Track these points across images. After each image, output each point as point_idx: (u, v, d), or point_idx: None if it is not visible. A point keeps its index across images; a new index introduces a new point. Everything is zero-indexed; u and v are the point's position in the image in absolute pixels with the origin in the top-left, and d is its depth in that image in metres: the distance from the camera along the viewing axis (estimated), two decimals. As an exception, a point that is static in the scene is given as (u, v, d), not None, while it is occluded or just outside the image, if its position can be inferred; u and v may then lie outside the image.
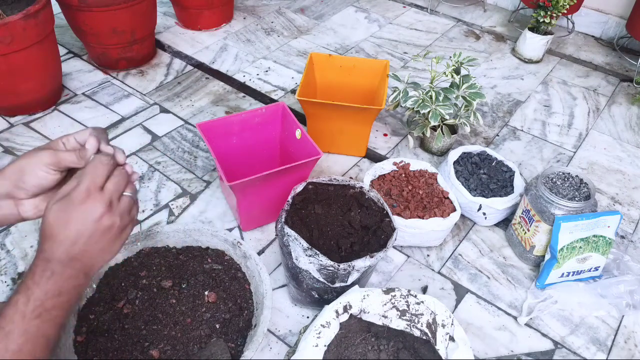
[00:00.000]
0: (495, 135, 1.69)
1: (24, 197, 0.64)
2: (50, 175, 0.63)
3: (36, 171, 0.63)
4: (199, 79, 1.86)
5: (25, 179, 0.63)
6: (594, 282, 1.23)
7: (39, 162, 0.63)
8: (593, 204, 1.18)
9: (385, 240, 1.05)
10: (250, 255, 1.04)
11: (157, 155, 1.54)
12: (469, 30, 2.23)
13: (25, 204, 0.65)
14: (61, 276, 0.58)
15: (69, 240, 0.59)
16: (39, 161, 0.63)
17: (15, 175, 0.63)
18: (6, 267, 1.22)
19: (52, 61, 1.65)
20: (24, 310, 0.55)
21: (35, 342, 0.56)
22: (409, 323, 0.94)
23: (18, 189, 0.63)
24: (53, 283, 0.57)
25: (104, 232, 0.60)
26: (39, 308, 0.56)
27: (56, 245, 0.58)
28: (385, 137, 1.65)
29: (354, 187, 1.15)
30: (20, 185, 0.63)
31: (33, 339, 0.56)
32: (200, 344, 0.94)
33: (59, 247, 0.58)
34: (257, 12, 2.28)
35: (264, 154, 1.41)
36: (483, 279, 1.26)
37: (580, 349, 1.13)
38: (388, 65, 1.53)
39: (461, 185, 1.34)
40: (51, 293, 0.57)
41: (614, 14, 2.16)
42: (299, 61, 1.98)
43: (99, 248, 0.61)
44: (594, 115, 1.79)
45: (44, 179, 0.63)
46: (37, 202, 0.65)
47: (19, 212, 0.65)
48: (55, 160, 0.63)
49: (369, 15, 2.30)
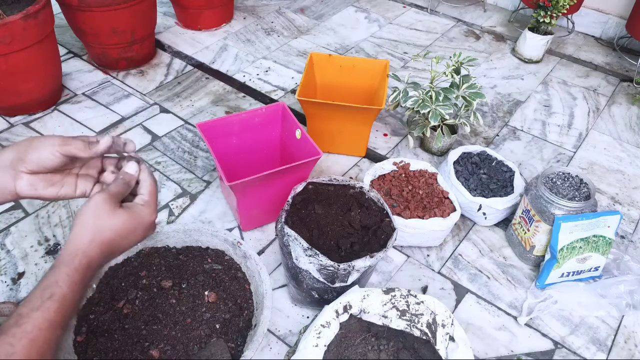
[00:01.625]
0: (495, 135, 1.69)
1: (23, 170, 0.65)
2: (53, 157, 0.64)
3: (42, 149, 0.64)
4: (199, 79, 1.86)
5: (30, 152, 0.64)
6: (594, 282, 1.23)
7: (48, 142, 0.64)
8: (593, 204, 1.18)
9: (385, 240, 1.05)
10: (250, 255, 1.04)
11: (157, 155, 1.54)
12: (469, 30, 2.23)
13: (23, 178, 0.65)
14: (88, 285, 0.59)
15: (118, 251, 0.62)
16: (48, 142, 0.64)
17: (24, 148, 0.65)
18: (6, 267, 1.22)
19: (52, 61, 1.65)
20: (54, 319, 0.54)
21: (53, 349, 0.55)
22: (409, 323, 0.94)
23: (21, 161, 0.64)
24: (82, 292, 0.58)
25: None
26: (67, 318, 0.56)
27: (106, 254, 0.60)
28: (385, 137, 1.65)
29: (354, 187, 1.15)
30: (23, 158, 0.64)
31: (54, 347, 0.55)
32: (200, 344, 0.94)
33: (106, 256, 0.60)
34: (257, 12, 2.28)
35: (264, 154, 1.41)
36: (483, 279, 1.26)
37: (580, 349, 1.13)
38: (388, 65, 1.53)
39: (461, 185, 1.34)
40: (78, 301, 0.58)
41: (614, 14, 2.16)
42: (299, 61, 1.98)
43: (119, 252, 0.64)
44: (594, 115, 1.79)
45: (45, 159, 0.64)
46: (34, 179, 0.66)
47: (14, 187, 0.65)
48: (64, 143, 0.64)
49: (369, 15, 2.30)
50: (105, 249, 0.60)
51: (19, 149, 0.65)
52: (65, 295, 0.55)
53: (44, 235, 1.30)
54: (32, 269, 1.22)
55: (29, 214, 1.34)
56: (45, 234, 1.30)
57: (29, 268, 1.22)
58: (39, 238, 1.29)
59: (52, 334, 0.54)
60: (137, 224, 0.63)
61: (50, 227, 1.32)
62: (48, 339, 0.53)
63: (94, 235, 0.59)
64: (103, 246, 0.60)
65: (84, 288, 0.58)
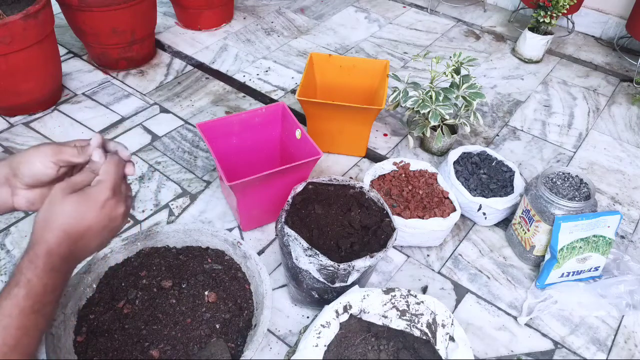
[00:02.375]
0: (495, 135, 1.69)
1: (19, 186, 0.64)
2: (46, 169, 0.63)
3: (34, 162, 0.63)
4: (199, 79, 1.86)
5: (23, 167, 0.63)
6: (594, 282, 1.23)
7: (40, 153, 0.63)
8: (593, 204, 1.18)
9: (385, 240, 1.05)
10: (250, 255, 1.04)
11: (157, 155, 1.54)
12: (469, 30, 2.23)
13: (20, 194, 0.65)
14: (59, 272, 0.58)
15: (77, 236, 0.59)
16: (40, 153, 0.63)
17: (16, 163, 0.63)
18: (6, 267, 1.22)
19: (52, 61, 1.65)
20: (23, 305, 0.55)
21: (31, 336, 0.55)
22: (409, 323, 0.94)
23: (15, 177, 0.64)
24: (52, 278, 0.57)
25: (111, 230, 0.62)
26: (38, 304, 0.56)
27: (62, 240, 0.58)
28: (385, 137, 1.65)
29: (354, 187, 1.15)
30: (17, 174, 0.63)
31: (30, 333, 0.55)
32: (200, 344, 0.94)
33: (65, 241, 0.58)
34: (257, 12, 2.28)
35: (264, 154, 1.41)
36: (483, 279, 1.26)
37: (580, 349, 1.13)
38: (388, 65, 1.53)
39: (461, 185, 1.34)
40: (50, 288, 0.57)
41: (614, 14, 2.16)
42: (299, 61, 1.98)
43: (96, 244, 0.62)
44: (594, 115, 1.79)
45: (39, 171, 0.63)
46: (30, 195, 0.65)
47: (12, 202, 0.65)
48: (57, 152, 0.63)
49: (369, 15, 2.30)
50: (62, 235, 0.58)
51: (11, 164, 0.63)
52: (30, 280, 0.55)
53: (44, 235, 1.30)
54: (32, 269, 1.22)
55: (29, 214, 1.34)
56: (45, 234, 1.30)
57: (29, 268, 1.22)
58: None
59: (26, 320, 0.55)
60: (89, 205, 0.60)
61: (50, 227, 1.31)
62: (22, 325, 0.54)
63: (46, 222, 0.59)
64: (59, 232, 0.58)
65: (55, 275, 0.58)
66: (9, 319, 0.54)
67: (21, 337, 0.54)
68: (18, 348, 0.54)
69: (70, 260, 0.60)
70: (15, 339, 0.54)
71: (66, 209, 0.59)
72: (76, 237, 0.59)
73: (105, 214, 0.61)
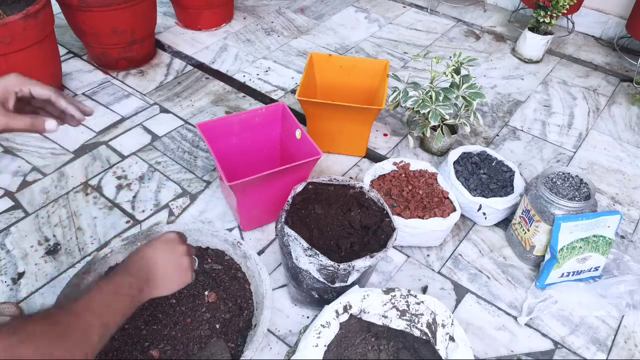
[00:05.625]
0: (495, 135, 1.69)
1: None
2: (15, 81, 0.73)
3: (6, 79, 0.72)
4: (199, 79, 1.86)
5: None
6: (594, 282, 1.23)
7: (5, 79, 0.72)
8: (593, 204, 1.18)
9: (385, 240, 1.05)
10: (250, 255, 1.04)
11: (157, 155, 1.54)
12: (469, 30, 2.23)
13: None
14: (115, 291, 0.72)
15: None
16: (5, 79, 0.72)
17: None
18: (6, 267, 1.22)
19: (52, 61, 1.65)
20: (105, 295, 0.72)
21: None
22: (409, 323, 0.94)
23: None
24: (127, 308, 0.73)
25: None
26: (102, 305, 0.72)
27: (152, 288, 0.75)
28: (385, 137, 1.65)
29: (354, 187, 1.15)
30: None
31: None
32: (200, 344, 0.94)
33: (155, 290, 0.75)
34: (257, 12, 2.28)
35: (264, 154, 1.41)
36: (483, 279, 1.26)
37: (580, 349, 1.13)
38: (388, 65, 1.53)
39: (461, 185, 1.34)
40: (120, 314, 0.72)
41: (614, 14, 2.16)
42: (299, 61, 1.98)
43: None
44: (594, 115, 1.79)
45: (9, 83, 0.72)
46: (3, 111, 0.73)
47: None
48: (22, 82, 0.73)
49: (369, 15, 2.30)
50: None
51: None
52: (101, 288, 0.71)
53: (44, 235, 1.30)
54: (32, 269, 1.22)
55: (29, 213, 1.34)
56: (45, 234, 1.30)
57: (29, 268, 1.22)
58: (39, 238, 1.29)
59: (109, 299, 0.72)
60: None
61: (50, 227, 1.32)
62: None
63: None
64: None
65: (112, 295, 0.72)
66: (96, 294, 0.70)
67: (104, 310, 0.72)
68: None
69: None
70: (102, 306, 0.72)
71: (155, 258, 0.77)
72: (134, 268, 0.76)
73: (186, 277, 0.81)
